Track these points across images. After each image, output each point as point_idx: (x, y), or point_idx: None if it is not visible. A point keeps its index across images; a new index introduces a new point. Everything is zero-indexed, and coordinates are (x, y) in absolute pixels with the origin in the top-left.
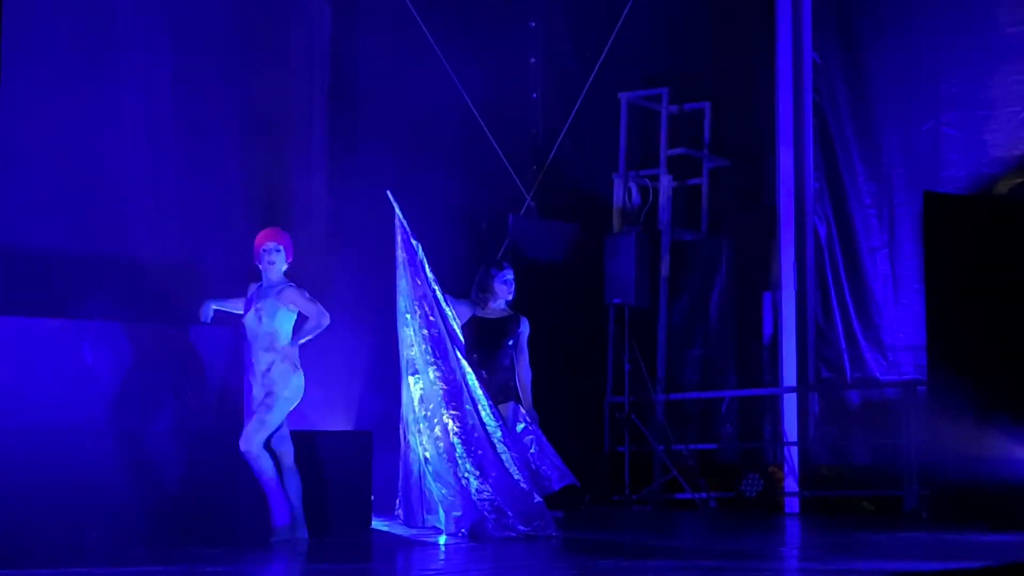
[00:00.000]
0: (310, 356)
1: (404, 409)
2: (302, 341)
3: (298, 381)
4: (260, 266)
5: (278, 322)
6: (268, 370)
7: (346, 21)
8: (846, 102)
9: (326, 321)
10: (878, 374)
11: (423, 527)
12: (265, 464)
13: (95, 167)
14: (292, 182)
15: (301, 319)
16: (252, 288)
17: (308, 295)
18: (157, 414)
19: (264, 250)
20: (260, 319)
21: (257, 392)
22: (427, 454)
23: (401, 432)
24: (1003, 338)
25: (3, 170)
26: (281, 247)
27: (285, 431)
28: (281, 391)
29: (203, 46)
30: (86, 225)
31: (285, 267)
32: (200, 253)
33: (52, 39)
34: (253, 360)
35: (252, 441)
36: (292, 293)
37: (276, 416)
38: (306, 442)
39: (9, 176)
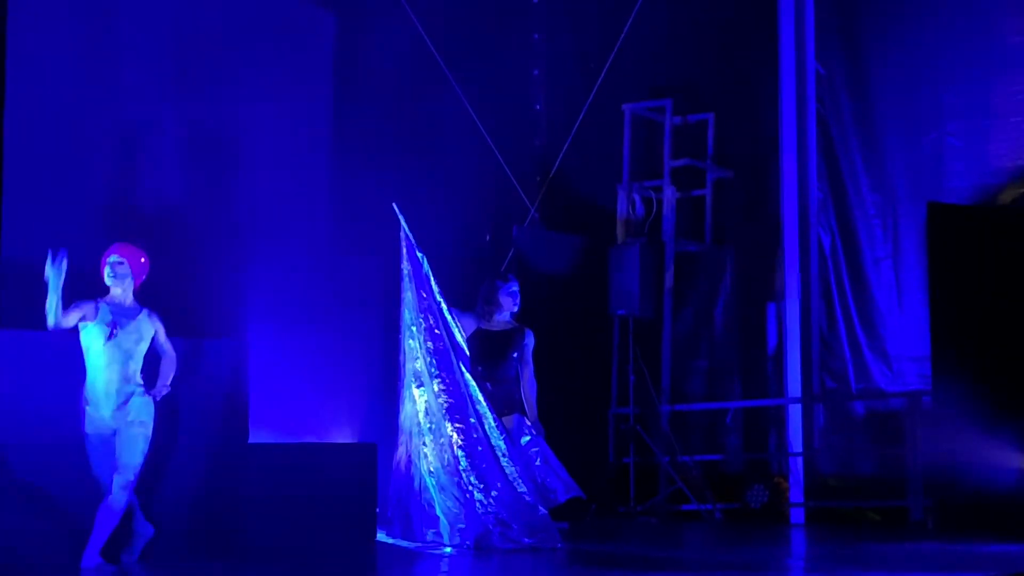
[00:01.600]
0: (316, 368)
1: (407, 421)
2: (165, 393)
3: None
4: (107, 281)
5: (143, 349)
6: (126, 403)
7: (350, 32)
8: (849, 112)
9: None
10: (883, 384)
11: (425, 541)
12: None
13: (101, 181)
14: (295, 195)
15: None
16: (100, 307)
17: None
18: (160, 428)
19: (107, 264)
20: (133, 343)
21: (104, 420)
22: (431, 466)
23: (403, 444)
24: (1007, 347)
25: (11, 185)
26: (124, 260)
27: None
28: (149, 422)
29: (206, 58)
30: (90, 238)
31: (132, 287)
32: (205, 266)
33: (57, 50)
34: (103, 389)
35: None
36: (159, 323)
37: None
38: (310, 454)
39: (18, 190)
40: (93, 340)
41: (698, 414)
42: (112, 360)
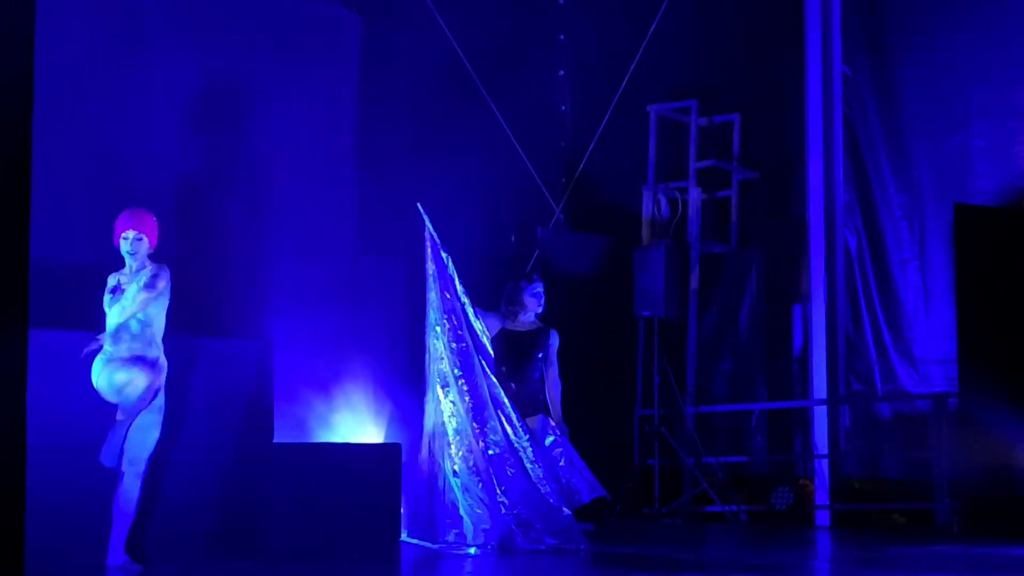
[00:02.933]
0: (340, 368)
1: (431, 422)
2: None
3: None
4: (123, 253)
5: (141, 310)
6: (124, 351)
7: (376, 34)
8: (876, 114)
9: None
10: (909, 387)
11: (448, 541)
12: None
13: (130, 182)
14: (321, 195)
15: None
16: (115, 277)
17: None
18: (187, 428)
19: (124, 239)
20: (124, 309)
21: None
22: (455, 467)
23: (425, 444)
24: None
25: (42, 185)
26: (144, 236)
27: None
28: (158, 413)
29: (231, 59)
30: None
31: (149, 251)
32: (227, 265)
33: (82, 54)
34: (109, 333)
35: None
36: (164, 274)
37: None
38: (334, 454)
39: (47, 191)
40: (106, 306)
41: (723, 416)
42: (113, 326)
